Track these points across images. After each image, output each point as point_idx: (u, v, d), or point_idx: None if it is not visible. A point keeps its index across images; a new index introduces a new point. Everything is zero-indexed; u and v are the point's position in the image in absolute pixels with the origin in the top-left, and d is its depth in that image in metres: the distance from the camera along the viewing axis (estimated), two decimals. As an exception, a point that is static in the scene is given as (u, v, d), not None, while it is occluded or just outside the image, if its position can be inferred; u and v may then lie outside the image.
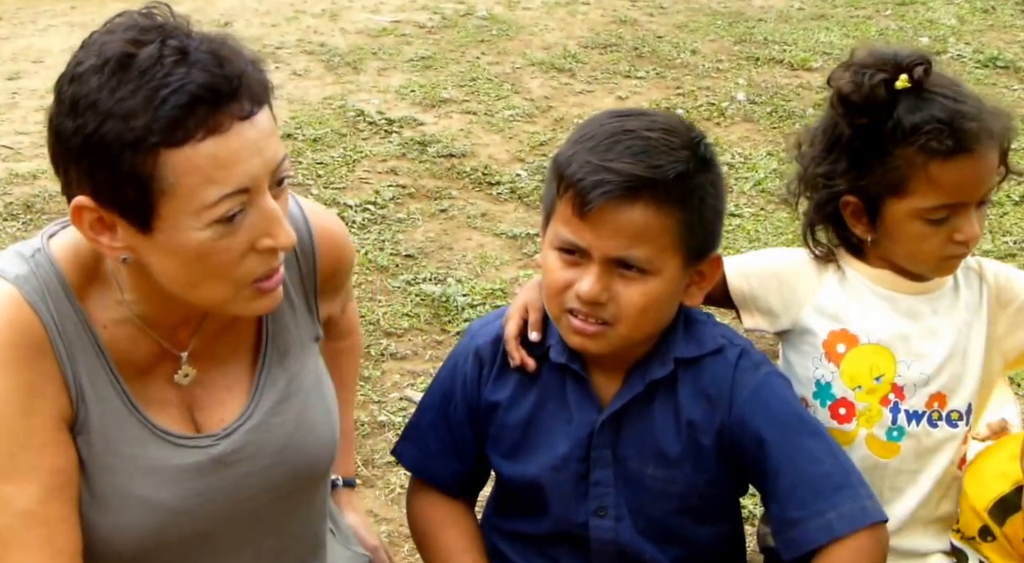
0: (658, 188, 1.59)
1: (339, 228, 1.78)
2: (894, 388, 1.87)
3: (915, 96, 1.79)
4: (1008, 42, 6.73)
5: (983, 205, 1.83)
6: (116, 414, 1.55)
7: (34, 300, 1.49)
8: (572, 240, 1.63)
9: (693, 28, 6.90)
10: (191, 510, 1.59)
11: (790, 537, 1.70)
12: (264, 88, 1.46)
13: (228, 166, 1.41)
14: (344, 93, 5.70)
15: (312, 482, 1.72)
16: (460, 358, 1.84)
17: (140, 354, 1.58)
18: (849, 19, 7.17)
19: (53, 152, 1.45)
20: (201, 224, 1.42)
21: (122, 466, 1.55)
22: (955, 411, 1.88)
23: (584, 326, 1.66)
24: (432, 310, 3.82)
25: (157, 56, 1.38)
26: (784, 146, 5.20)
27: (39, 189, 4.57)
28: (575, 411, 1.76)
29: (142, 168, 1.38)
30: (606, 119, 1.68)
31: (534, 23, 6.93)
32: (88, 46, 1.43)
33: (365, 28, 6.78)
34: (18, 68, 5.95)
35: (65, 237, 1.56)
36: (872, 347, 1.87)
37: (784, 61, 6.31)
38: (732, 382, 1.72)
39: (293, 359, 1.67)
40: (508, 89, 5.83)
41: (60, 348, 1.51)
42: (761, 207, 4.67)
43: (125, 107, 1.36)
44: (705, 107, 5.66)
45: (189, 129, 1.38)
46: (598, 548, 1.77)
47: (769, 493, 1.74)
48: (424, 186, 4.76)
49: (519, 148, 5.16)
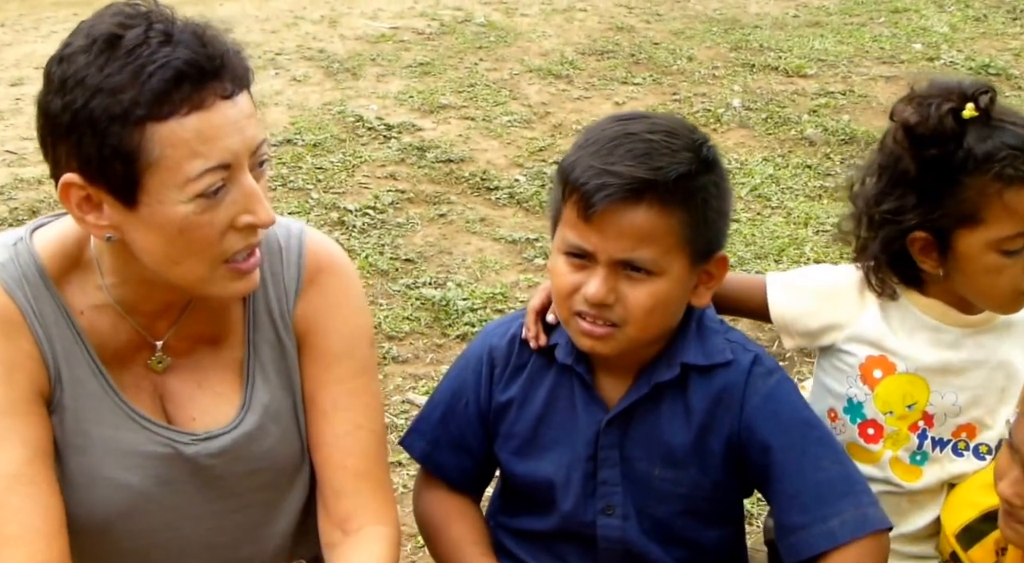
0: (660, 189, 1.61)
1: (332, 244, 1.79)
2: (924, 416, 1.88)
3: (983, 124, 1.76)
4: (1000, 49, 6.79)
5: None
6: (92, 395, 1.60)
7: (10, 286, 1.55)
8: (578, 243, 1.66)
9: (689, 35, 6.95)
10: (158, 497, 1.63)
11: (792, 542, 1.72)
12: (246, 72, 1.51)
13: (211, 141, 1.45)
14: (343, 99, 5.75)
15: (284, 492, 1.75)
16: (473, 357, 1.86)
17: (119, 341, 1.62)
18: (843, 26, 7.23)
19: (42, 133, 1.49)
20: (185, 197, 1.46)
21: (92, 447, 1.60)
22: (984, 445, 1.89)
23: (593, 328, 1.68)
24: (432, 314, 3.86)
25: (144, 36, 1.44)
26: (779, 151, 5.29)
27: (44, 194, 4.62)
28: (581, 411, 1.78)
29: (129, 141, 1.43)
30: (608, 124, 1.70)
31: (532, 30, 6.98)
32: (77, 31, 1.49)
33: (364, 34, 6.83)
34: (21, 74, 6.00)
35: (51, 228, 1.62)
36: (909, 376, 1.87)
37: (779, 68, 6.36)
38: (744, 387, 1.74)
39: (275, 371, 1.71)
40: (506, 95, 5.89)
41: (37, 329, 1.56)
42: (757, 212, 4.72)
43: (112, 82, 1.42)
44: (701, 113, 5.71)
45: (175, 103, 1.43)
46: (605, 547, 1.79)
47: (773, 498, 1.76)
48: (423, 191, 4.81)
49: (517, 153, 5.21)
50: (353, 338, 1.74)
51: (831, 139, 5.41)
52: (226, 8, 7.31)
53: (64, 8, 7.19)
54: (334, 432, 1.71)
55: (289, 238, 1.71)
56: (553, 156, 5.13)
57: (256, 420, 1.67)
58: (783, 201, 4.81)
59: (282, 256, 1.70)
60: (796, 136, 5.47)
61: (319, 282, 1.72)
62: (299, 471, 1.74)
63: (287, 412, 1.71)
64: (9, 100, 5.64)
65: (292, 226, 1.73)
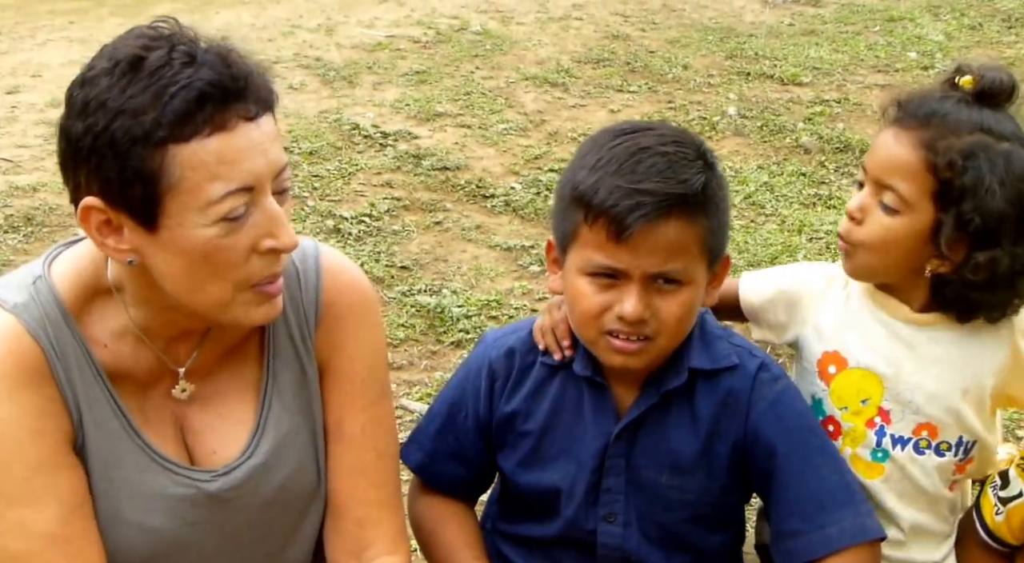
0: (688, 202, 1.62)
1: (350, 265, 1.75)
2: (880, 412, 1.88)
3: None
4: (994, 58, 6.81)
5: None
6: (113, 438, 1.56)
7: (34, 328, 1.50)
8: (609, 264, 1.64)
9: (685, 43, 6.97)
10: (181, 539, 1.60)
11: (789, 547, 1.74)
12: (270, 93, 1.48)
13: (233, 163, 1.42)
14: (340, 107, 5.76)
15: (301, 518, 1.73)
16: (472, 369, 1.86)
17: (140, 368, 1.59)
18: (839, 35, 7.25)
19: (63, 157, 1.46)
20: (207, 221, 1.43)
21: (115, 492, 1.56)
22: (945, 442, 1.88)
23: (627, 345, 1.67)
24: (427, 321, 3.87)
25: (167, 58, 1.41)
26: (774, 159, 5.30)
27: (39, 202, 4.62)
28: (591, 421, 1.78)
29: (150, 163, 1.40)
30: (615, 139, 1.68)
31: (527, 38, 7.00)
32: (100, 54, 1.47)
33: (360, 43, 6.84)
34: (17, 82, 6.00)
35: (66, 259, 1.58)
36: (861, 371, 1.87)
37: (774, 76, 6.38)
38: (751, 392, 1.75)
39: (293, 396, 1.68)
40: (502, 103, 5.90)
41: (60, 374, 1.51)
42: (751, 219, 4.73)
43: (134, 103, 1.39)
44: (697, 121, 5.73)
45: (197, 124, 1.40)
46: (604, 554, 1.80)
47: (773, 503, 1.77)
48: (419, 199, 4.81)
49: (513, 161, 5.22)
50: (375, 361, 1.73)
51: (826, 147, 5.42)
52: (222, 16, 7.33)
53: (60, 16, 7.19)
54: (361, 462, 1.70)
55: (306, 260, 1.68)
56: (549, 164, 5.14)
57: (271, 446, 1.64)
58: (777, 208, 4.82)
59: (299, 279, 1.67)
60: (791, 144, 5.48)
61: (339, 305, 1.68)
62: (315, 497, 1.71)
63: (305, 439, 1.68)
64: (5, 108, 5.64)
65: (307, 247, 1.70)
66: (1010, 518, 1.86)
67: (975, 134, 1.75)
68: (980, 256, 1.75)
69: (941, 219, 1.76)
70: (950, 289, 1.81)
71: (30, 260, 1.65)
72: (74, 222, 5.14)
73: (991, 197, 1.72)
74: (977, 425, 1.88)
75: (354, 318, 1.70)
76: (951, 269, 1.78)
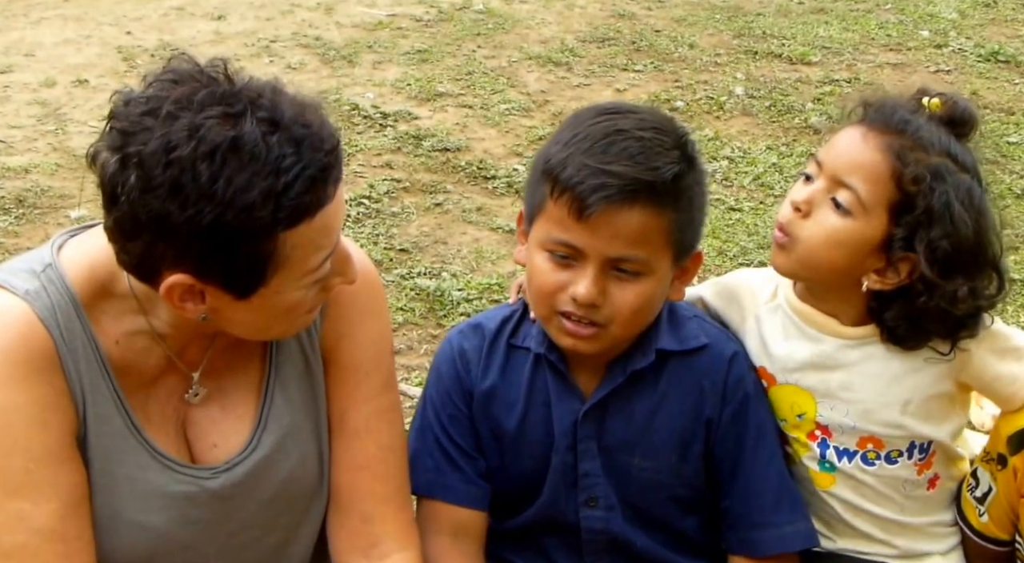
0: (656, 190, 1.59)
1: (357, 251, 1.71)
2: (819, 426, 1.82)
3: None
4: (1009, 36, 6.69)
5: None
6: (116, 434, 1.53)
7: (45, 316, 1.47)
8: (568, 241, 1.62)
9: (692, 22, 6.85)
10: (181, 538, 1.57)
11: (747, 537, 1.78)
12: (338, 143, 1.47)
13: (330, 231, 1.46)
14: (339, 87, 5.65)
15: (303, 515, 1.69)
16: (444, 365, 1.82)
17: (148, 366, 1.56)
18: (849, 13, 7.12)
19: (135, 226, 1.38)
20: (304, 285, 1.47)
21: (116, 488, 1.53)
22: (895, 450, 1.81)
23: (578, 329, 1.65)
24: (427, 304, 3.79)
25: (258, 132, 1.37)
26: (783, 140, 5.19)
27: (31, 183, 4.52)
28: (556, 402, 1.76)
29: (264, 251, 1.40)
30: (595, 117, 1.66)
31: (531, 17, 6.89)
32: (169, 121, 1.36)
33: (361, 22, 6.74)
34: (10, 61, 5.90)
35: (77, 250, 1.53)
36: (791, 387, 1.82)
37: (783, 55, 6.26)
38: (726, 380, 1.75)
39: (296, 390, 1.65)
40: (504, 83, 5.79)
41: (68, 364, 1.49)
42: (760, 201, 4.63)
43: (245, 199, 1.35)
44: (704, 101, 5.62)
45: (310, 211, 1.41)
46: (589, 538, 1.78)
47: (732, 489, 1.78)
48: (419, 180, 4.72)
49: (515, 142, 5.12)
50: (379, 350, 1.70)
51: (836, 127, 5.30)
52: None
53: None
54: (365, 456, 1.68)
55: None
56: (541, 149, 5.04)
57: (273, 441, 1.61)
58: (787, 190, 4.69)
59: None
60: (800, 124, 5.37)
61: (345, 293, 1.64)
62: (318, 493, 1.68)
63: (308, 433, 1.65)
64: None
65: None
66: (992, 515, 1.82)
67: (943, 157, 1.69)
68: (961, 286, 1.67)
69: (893, 232, 1.68)
70: (892, 313, 1.72)
71: (21, 242, 1.58)
72: (66, 204, 5.01)
73: (964, 226, 1.66)
74: (925, 430, 1.80)
75: (359, 306, 1.67)
76: (891, 288, 1.71)
